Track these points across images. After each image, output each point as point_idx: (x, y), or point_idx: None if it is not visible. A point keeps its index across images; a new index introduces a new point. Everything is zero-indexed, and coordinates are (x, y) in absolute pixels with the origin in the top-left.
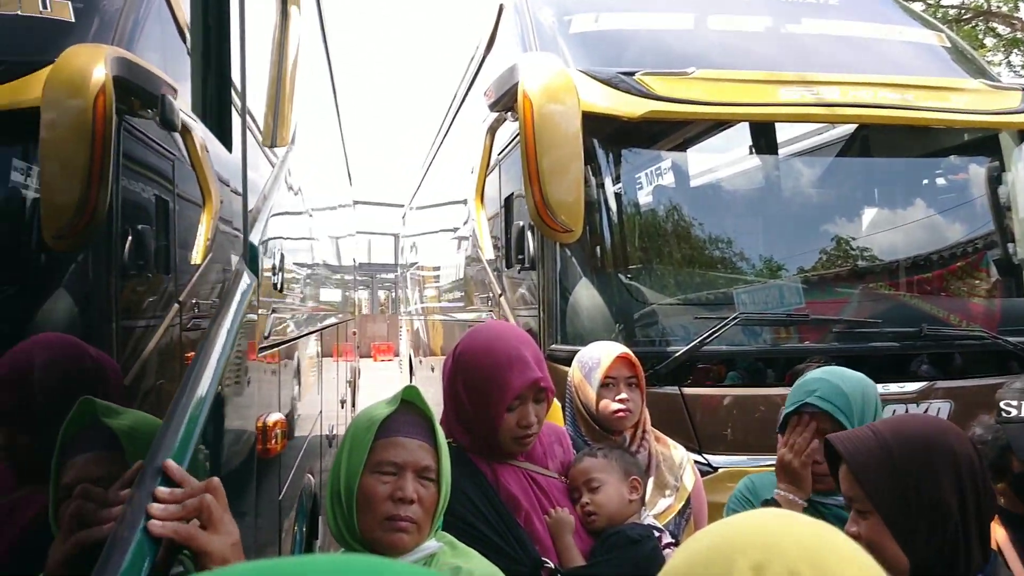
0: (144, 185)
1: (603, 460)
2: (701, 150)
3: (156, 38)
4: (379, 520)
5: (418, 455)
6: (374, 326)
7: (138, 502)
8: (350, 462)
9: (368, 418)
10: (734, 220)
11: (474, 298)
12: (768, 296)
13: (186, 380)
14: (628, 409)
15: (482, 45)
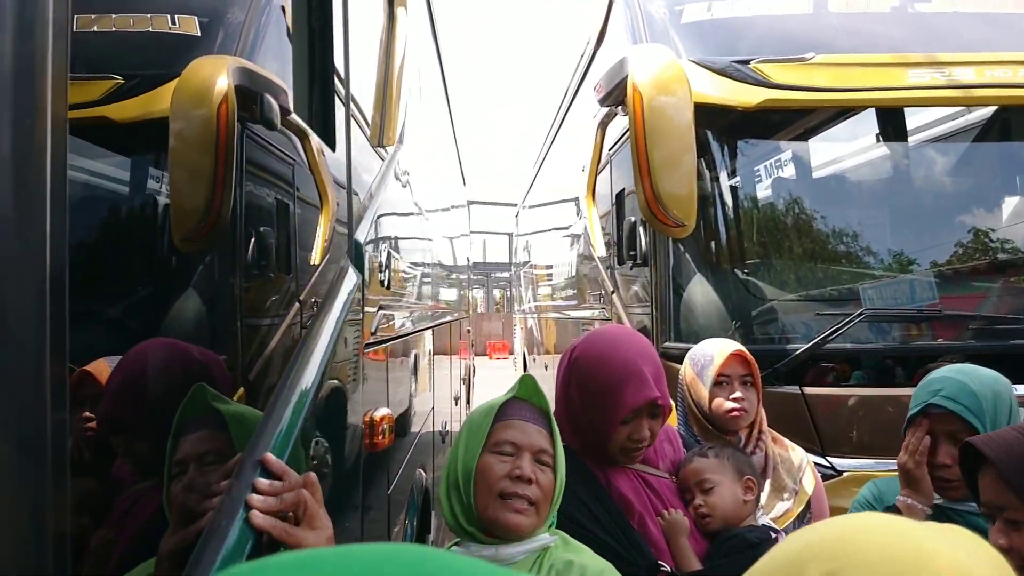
0: (264, 188)
1: (715, 460)
2: (823, 139)
3: (274, 47)
4: (495, 497)
5: (535, 438)
6: (489, 324)
7: (238, 493)
8: (468, 445)
9: (487, 405)
10: (859, 212)
11: (587, 296)
12: (897, 291)
13: (287, 374)
14: (743, 408)
15: (592, 40)
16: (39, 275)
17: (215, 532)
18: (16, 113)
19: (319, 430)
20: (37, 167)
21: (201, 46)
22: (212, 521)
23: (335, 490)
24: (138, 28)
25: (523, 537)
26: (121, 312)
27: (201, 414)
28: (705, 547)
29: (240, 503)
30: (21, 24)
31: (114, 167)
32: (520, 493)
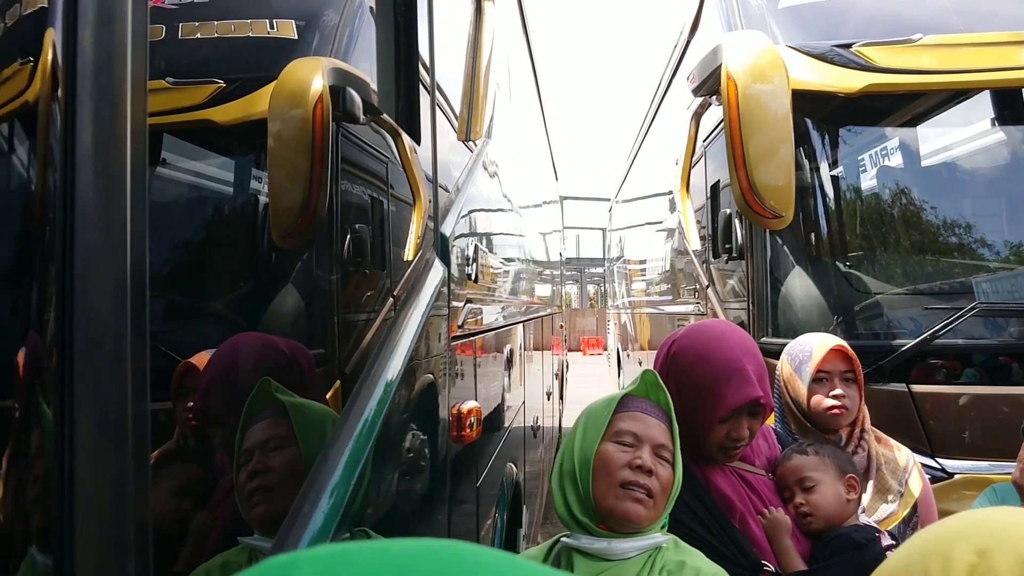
0: (358, 185)
1: (816, 458)
2: (931, 125)
3: (367, 46)
4: (615, 486)
5: (656, 432)
6: (583, 320)
7: (321, 483)
8: (587, 433)
9: (607, 397)
10: (972, 201)
11: (681, 290)
12: (1014, 284)
13: (371, 365)
14: (844, 406)
15: (686, 29)
16: (120, 271)
17: (296, 521)
18: (97, 111)
19: (405, 421)
20: (117, 164)
21: (297, 48)
22: (301, 497)
23: (422, 481)
24: (239, 33)
25: (638, 529)
26: (224, 307)
27: (267, 406)
28: (807, 547)
29: (323, 493)
30: (100, 21)
31: (217, 168)
32: (640, 483)
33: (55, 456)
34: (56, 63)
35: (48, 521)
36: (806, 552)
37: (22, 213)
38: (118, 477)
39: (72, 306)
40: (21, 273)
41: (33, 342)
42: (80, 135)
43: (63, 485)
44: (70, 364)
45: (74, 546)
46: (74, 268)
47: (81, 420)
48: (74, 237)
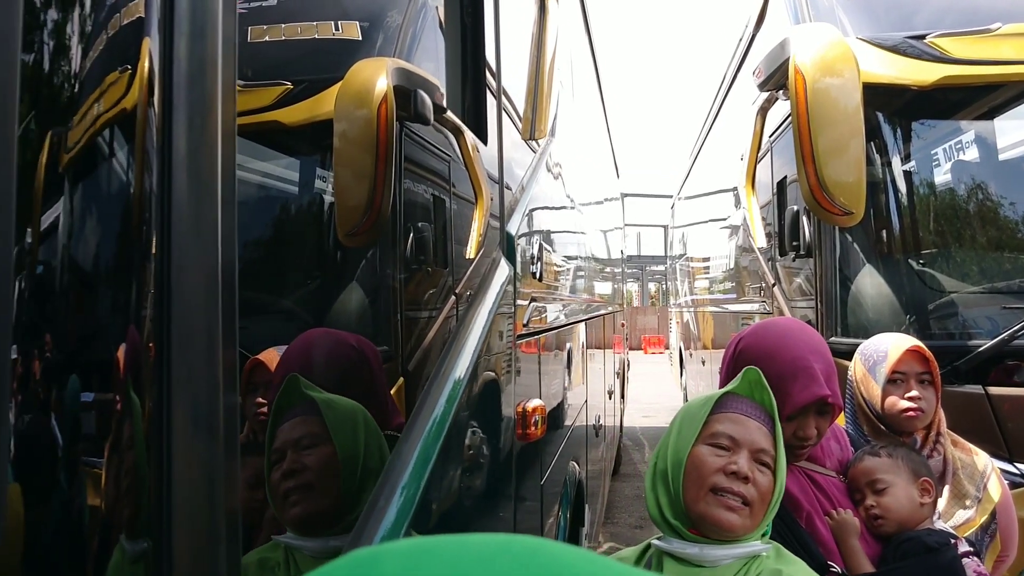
0: (421, 184)
1: (888, 460)
2: (1009, 118)
3: (429, 46)
4: (707, 491)
5: (756, 435)
6: (644, 318)
7: (394, 479)
8: (681, 434)
9: (705, 397)
10: None
11: (746, 289)
12: None
13: (440, 363)
14: (919, 408)
15: (751, 23)
16: (212, 270)
17: (371, 518)
18: (190, 118)
19: (472, 419)
20: (209, 168)
21: (362, 49)
22: (375, 495)
23: (488, 477)
24: (305, 35)
25: (733, 538)
26: (290, 304)
27: (297, 403)
28: (877, 550)
29: (397, 487)
30: (193, 31)
31: (283, 168)
32: (735, 490)
33: (154, 446)
34: (152, 71)
35: (146, 508)
36: (876, 555)
37: (121, 215)
38: (210, 466)
39: (169, 304)
40: (120, 272)
41: (132, 338)
42: (175, 140)
43: (161, 473)
44: (167, 359)
45: (172, 532)
46: (170, 267)
47: (177, 412)
48: (170, 237)
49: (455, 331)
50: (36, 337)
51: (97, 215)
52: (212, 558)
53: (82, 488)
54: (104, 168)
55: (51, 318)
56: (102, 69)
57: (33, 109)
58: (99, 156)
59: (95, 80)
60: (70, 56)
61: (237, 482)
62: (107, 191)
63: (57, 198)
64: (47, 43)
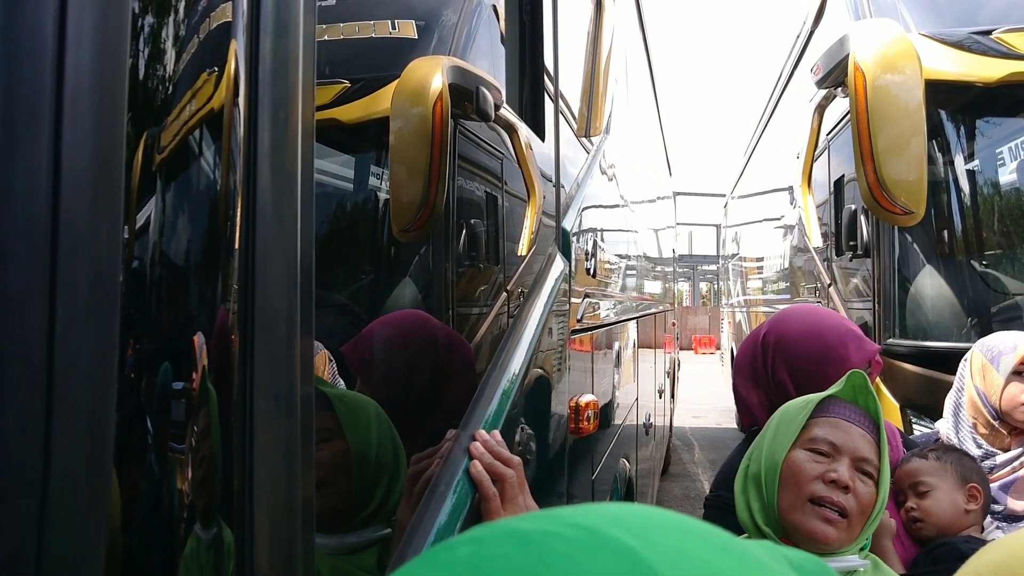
0: (475, 181)
1: (935, 463)
2: None
3: (486, 45)
4: (803, 500)
5: (859, 443)
6: (695, 318)
7: (457, 457)
8: (777, 436)
9: (805, 399)
10: None
11: (800, 289)
12: None
13: (498, 356)
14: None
15: (809, 19)
16: (292, 261)
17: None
18: (274, 115)
19: (527, 413)
20: (290, 163)
21: (418, 48)
22: (436, 477)
23: (541, 471)
24: (363, 34)
25: (827, 551)
26: (345, 298)
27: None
28: (913, 553)
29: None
30: (277, 31)
31: (340, 164)
32: (833, 500)
33: (238, 431)
34: (239, 71)
35: (230, 492)
36: (910, 558)
37: (209, 211)
38: (290, 450)
39: (252, 294)
40: (208, 265)
41: (219, 328)
42: (260, 137)
43: (244, 458)
44: (251, 348)
45: (253, 514)
46: (255, 259)
47: (259, 398)
48: (255, 231)
49: (512, 324)
50: (130, 329)
51: (187, 211)
52: (290, 540)
53: (171, 473)
54: (194, 166)
55: (145, 310)
56: (193, 71)
57: (130, 111)
58: (190, 154)
59: (187, 82)
60: (164, 59)
61: (312, 465)
62: (196, 188)
63: (150, 196)
64: (143, 48)
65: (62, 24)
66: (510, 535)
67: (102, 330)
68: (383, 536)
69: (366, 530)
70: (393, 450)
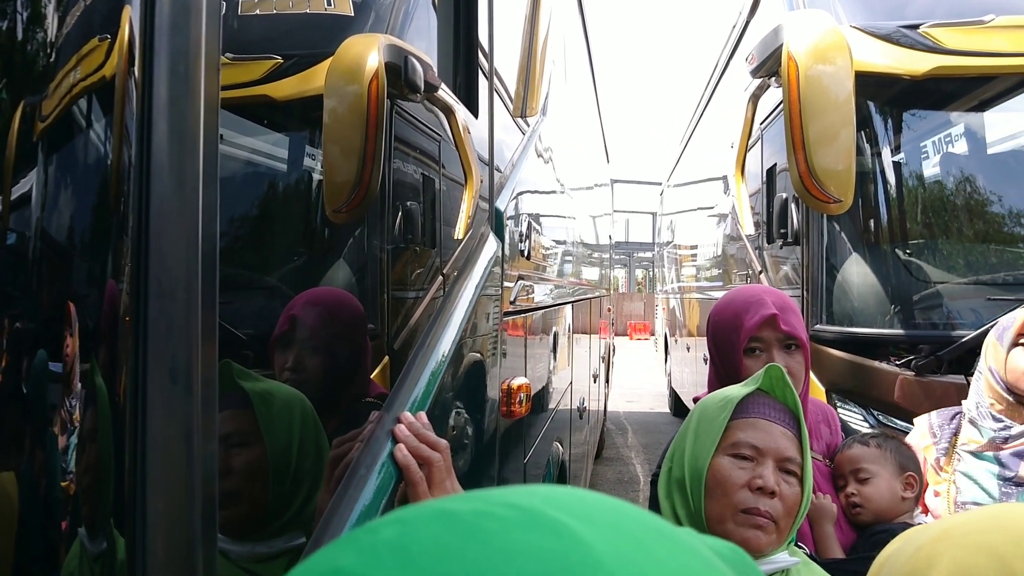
0: (410, 163)
1: (876, 450)
2: (1000, 110)
3: (422, 22)
4: (733, 511)
5: (781, 443)
6: (630, 305)
7: (380, 440)
8: (699, 441)
9: (722, 398)
10: None
11: (733, 276)
12: None
13: (425, 336)
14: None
15: (745, 9)
16: (191, 233)
17: (358, 470)
18: (172, 89)
19: (457, 395)
20: (192, 136)
21: (354, 25)
22: (356, 460)
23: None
24: (297, 9)
25: (759, 556)
26: (276, 280)
27: (227, 392)
28: (851, 539)
29: (376, 465)
30: (175, 11)
31: (271, 143)
32: (761, 509)
33: (131, 411)
34: (133, 40)
35: (122, 461)
36: (849, 543)
37: (99, 187)
38: (186, 422)
39: (146, 269)
40: (98, 243)
41: (108, 304)
42: (155, 112)
43: (136, 432)
44: (144, 323)
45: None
46: (148, 238)
47: (153, 374)
48: (148, 210)
49: (441, 304)
50: (8, 307)
51: (73, 187)
52: (188, 514)
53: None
54: (81, 140)
55: (21, 288)
56: (81, 36)
57: (5, 77)
58: (76, 128)
59: (74, 47)
60: (45, 24)
61: (216, 453)
62: (84, 163)
63: (30, 169)
64: (21, 12)
65: None
66: (438, 515)
67: None
68: (296, 546)
69: (278, 539)
70: (316, 454)
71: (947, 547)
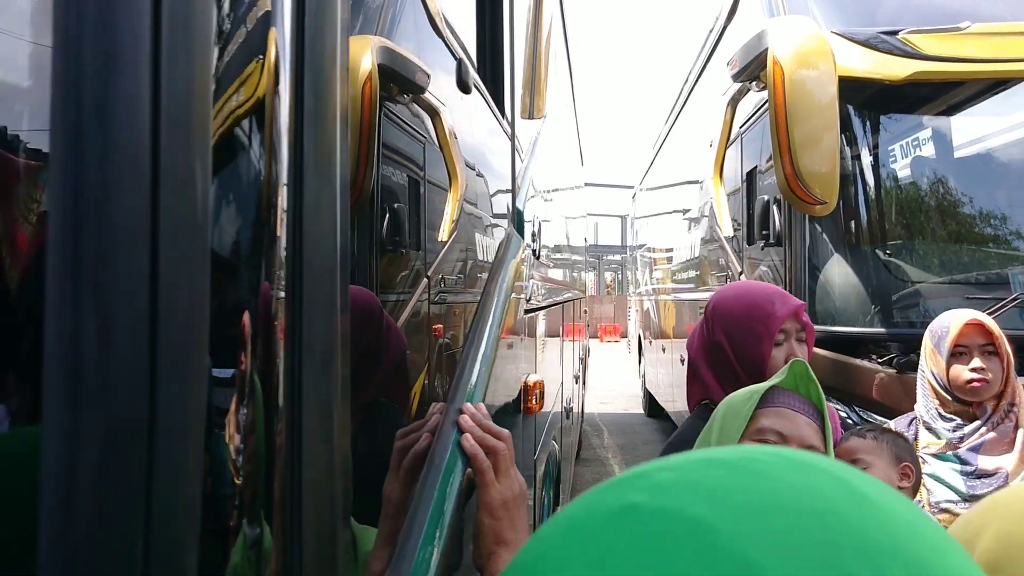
0: (398, 167)
1: (872, 442)
2: (977, 114)
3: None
4: None
5: (805, 431)
6: (600, 307)
7: (447, 430)
8: (724, 429)
9: (749, 391)
10: (1008, 193)
11: (710, 277)
12: None
13: (473, 331)
14: (983, 379)
15: (722, 15)
16: (332, 250)
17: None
18: (316, 104)
19: (497, 389)
20: (330, 153)
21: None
22: (432, 452)
23: None
24: None
25: None
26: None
27: None
28: None
29: (447, 453)
30: (318, 19)
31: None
32: None
33: (287, 420)
34: (280, 59)
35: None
36: None
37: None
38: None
39: (300, 283)
40: (254, 252)
41: (263, 312)
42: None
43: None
44: (299, 329)
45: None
46: (302, 248)
47: (307, 386)
48: (302, 219)
49: (483, 301)
50: (182, 313)
51: (235, 201)
52: (332, 505)
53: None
54: (243, 157)
55: (196, 295)
56: (239, 64)
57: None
58: (238, 145)
59: (233, 73)
60: (211, 50)
61: (348, 434)
62: (244, 180)
63: (204, 183)
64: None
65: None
66: (704, 461)
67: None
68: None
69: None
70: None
71: (993, 518)
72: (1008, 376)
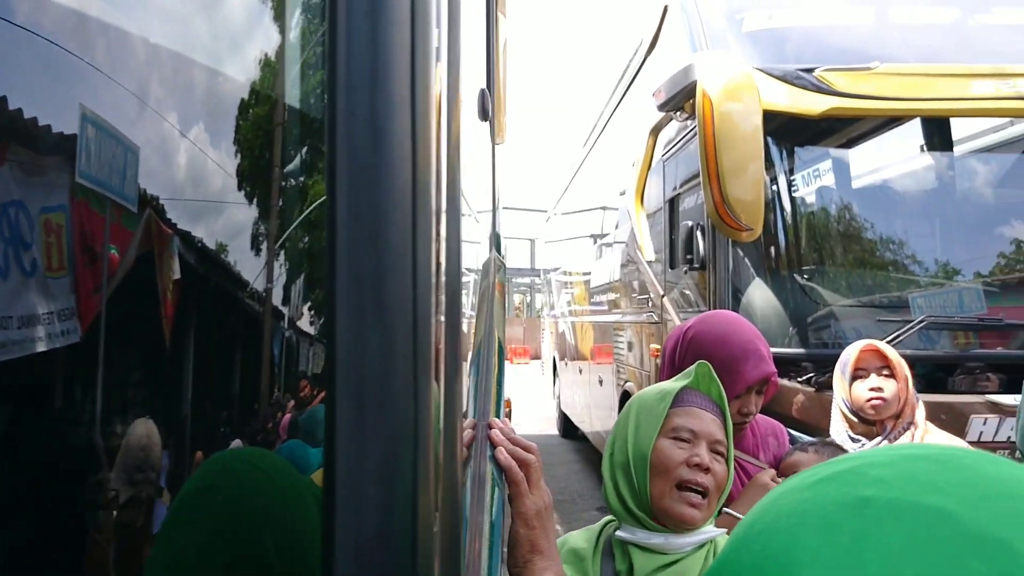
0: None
1: (814, 456)
2: (885, 148)
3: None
4: (671, 485)
5: (712, 428)
6: (510, 329)
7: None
8: (641, 427)
9: (659, 390)
10: (916, 221)
11: (631, 299)
12: (947, 300)
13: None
14: (881, 398)
15: (643, 47)
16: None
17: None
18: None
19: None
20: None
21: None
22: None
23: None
24: None
25: (691, 529)
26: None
27: None
28: None
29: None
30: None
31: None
32: (698, 481)
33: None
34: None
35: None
36: None
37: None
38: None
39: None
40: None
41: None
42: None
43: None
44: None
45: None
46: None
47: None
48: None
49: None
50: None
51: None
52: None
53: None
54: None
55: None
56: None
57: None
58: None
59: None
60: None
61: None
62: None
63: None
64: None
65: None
66: (908, 457)
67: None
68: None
69: None
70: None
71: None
72: (907, 397)
